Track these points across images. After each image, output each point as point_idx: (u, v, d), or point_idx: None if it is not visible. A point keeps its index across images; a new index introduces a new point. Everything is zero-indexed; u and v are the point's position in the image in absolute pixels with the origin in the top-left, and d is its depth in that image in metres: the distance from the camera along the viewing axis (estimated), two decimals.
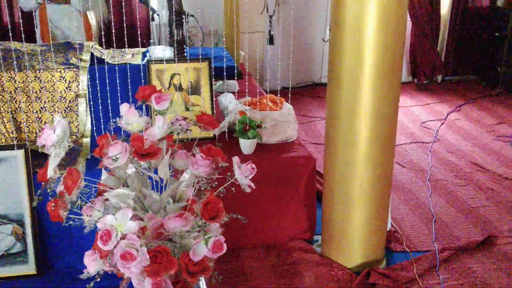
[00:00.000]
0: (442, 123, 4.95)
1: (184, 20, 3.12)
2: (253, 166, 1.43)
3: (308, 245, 2.90)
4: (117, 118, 1.50)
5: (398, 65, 2.39)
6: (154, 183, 1.51)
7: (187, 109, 2.94)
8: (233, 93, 3.59)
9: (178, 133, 1.45)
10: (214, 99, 2.98)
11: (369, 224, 2.64)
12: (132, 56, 3.23)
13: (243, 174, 1.40)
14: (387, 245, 2.86)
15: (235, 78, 3.58)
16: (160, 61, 2.87)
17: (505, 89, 5.89)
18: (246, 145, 2.71)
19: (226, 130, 2.89)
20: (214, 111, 2.99)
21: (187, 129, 1.48)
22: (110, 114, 2.74)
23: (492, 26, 6.02)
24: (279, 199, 2.84)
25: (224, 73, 2.87)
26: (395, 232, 3.05)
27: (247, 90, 3.17)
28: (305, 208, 2.89)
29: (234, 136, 2.79)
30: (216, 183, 1.46)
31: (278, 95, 3.08)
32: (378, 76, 2.34)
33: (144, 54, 3.27)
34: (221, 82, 3.79)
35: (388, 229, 2.95)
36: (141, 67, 2.84)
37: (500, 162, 4.07)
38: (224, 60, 2.96)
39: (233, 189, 1.45)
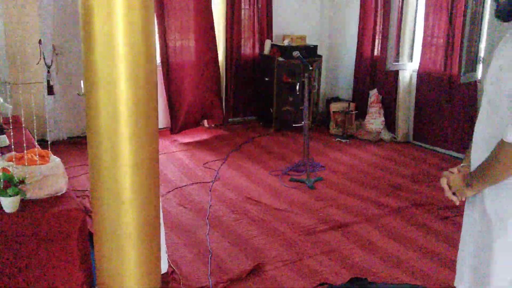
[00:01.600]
0: (223, 163, 5.31)
1: None
2: None
3: None
4: None
5: (153, 116, 2.54)
6: None
7: None
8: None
9: None
10: None
11: (142, 269, 2.70)
12: None
13: None
14: (164, 287, 2.96)
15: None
16: None
17: (277, 128, 6.56)
18: (7, 203, 2.60)
19: None
20: None
21: None
22: None
23: (262, 72, 6.70)
24: (50, 255, 2.76)
25: None
26: (173, 273, 3.16)
27: (24, 144, 3.03)
28: (79, 261, 2.84)
29: None
30: None
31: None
32: (135, 128, 2.46)
33: None
34: None
35: (166, 271, 3.06)
36: None
37: (271, 194, 4.50)
38: None
39: None
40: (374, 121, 6.28)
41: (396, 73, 6.09)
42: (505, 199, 1.78)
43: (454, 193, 1.96)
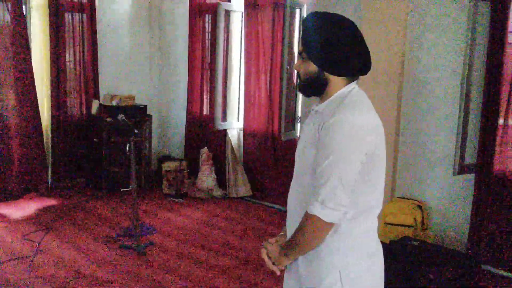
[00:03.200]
0: (47, 232, 4.93)
1: None
2: None
3: None
4: None
5: None
6: None
7: None
8: None
9: None
10: None
11: None
12: None
13: None
14: None
15: None
16: None
17: (108, 191, 6.32)
18: None
19: None
20: None
21: None
22: None
23: (91, 133, 6.47)
24: None
25: None
26: None
27: None
28: None
29: None
30: None
31: None
32: None
33: None
34: None
35: None
36: None
37: (99, 265, 4.26)
38: None
39: None
40: (206, 178, 6.38)
41: (225, 131, 6.30)
42: (317, 267, 1.88)
43: (274, 263, 2.01)
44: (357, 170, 1.76)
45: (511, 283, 4.14)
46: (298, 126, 5.65)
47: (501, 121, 4.18)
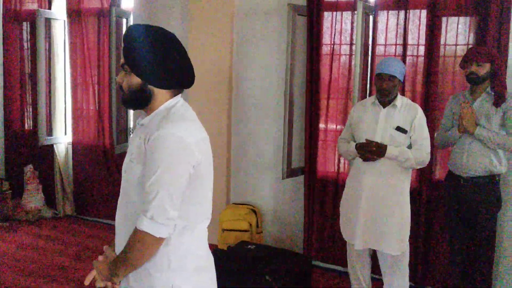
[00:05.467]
0: None
1: None
2: None
3: None
4: None
5: None
6: None
7: None
8: None
9: None
10: None
11: None
12: None
13: None
14: None
15: None
16: None
17: None
18: None
19: None
20: None
21: None
22: None
23: None
24: None
25: None
26: None
27: None
28: None
29: None
30: None
31: None
32: None
33: None
34: None
35: None
36: None
37: None
38: None
39: None
40: (33, 198, 5.91)
41: (51, 146, 5.89)
42: (148, 283, 1.85)
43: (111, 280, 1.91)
44: (185, 183, 1.77)
45: (339, 275, 4.50)
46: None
47: (322, 125, 4.53)
